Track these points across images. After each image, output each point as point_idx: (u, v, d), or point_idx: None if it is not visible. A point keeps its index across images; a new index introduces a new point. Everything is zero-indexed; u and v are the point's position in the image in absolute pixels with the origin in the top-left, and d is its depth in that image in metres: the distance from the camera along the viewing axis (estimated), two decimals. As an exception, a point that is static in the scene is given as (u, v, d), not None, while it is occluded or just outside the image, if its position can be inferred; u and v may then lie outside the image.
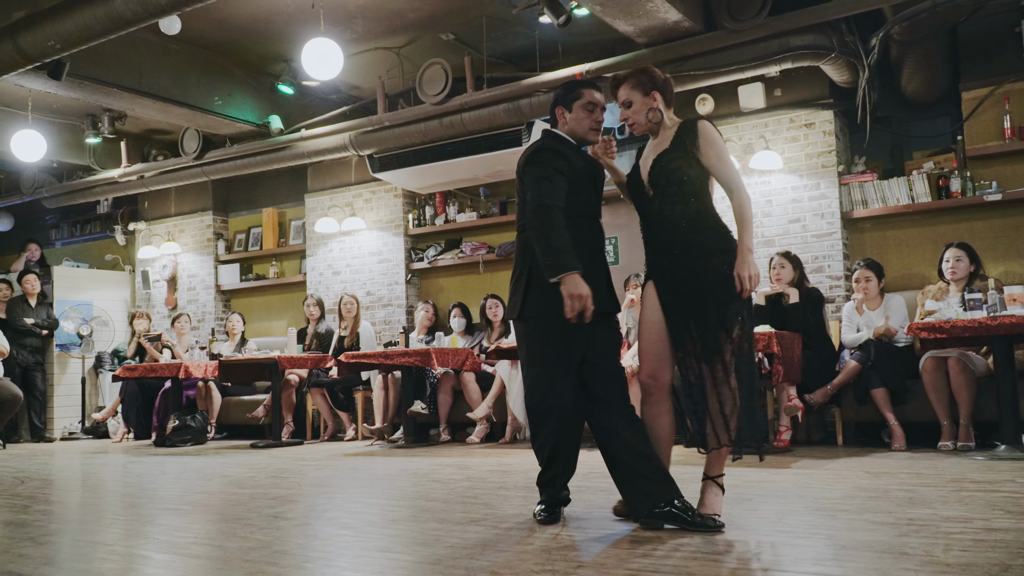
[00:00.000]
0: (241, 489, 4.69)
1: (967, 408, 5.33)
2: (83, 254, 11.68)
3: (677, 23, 6.26)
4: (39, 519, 3.86)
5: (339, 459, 6.26)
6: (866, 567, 2.41)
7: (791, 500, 3.66)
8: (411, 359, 6.90)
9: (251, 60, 8.16)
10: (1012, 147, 6.28)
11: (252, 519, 3.62)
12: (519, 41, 7.37)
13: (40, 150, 7.95)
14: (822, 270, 6.82)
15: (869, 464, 4.78)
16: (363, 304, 8.89)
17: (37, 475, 5.87)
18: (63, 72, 6.67)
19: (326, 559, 2.86)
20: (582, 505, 3.57)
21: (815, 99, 6.91)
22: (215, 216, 10.48)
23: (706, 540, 2.86)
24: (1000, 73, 6.36)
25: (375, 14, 6.98)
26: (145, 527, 3.70)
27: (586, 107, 3.44)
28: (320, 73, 6.21)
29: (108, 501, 4.73)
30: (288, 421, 8.28)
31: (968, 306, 5.07)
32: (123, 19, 5.59)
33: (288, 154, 8.66)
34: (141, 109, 8.02)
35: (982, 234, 6.36)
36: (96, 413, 9.83)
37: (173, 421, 8.13)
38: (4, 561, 2.93)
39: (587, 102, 3.46)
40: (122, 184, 9.93)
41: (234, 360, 8.09)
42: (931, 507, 3.31)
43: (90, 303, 10.23)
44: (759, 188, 7.08)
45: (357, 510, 3.92)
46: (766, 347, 5.37)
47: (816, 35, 6.19)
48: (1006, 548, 2.55)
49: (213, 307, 10.32)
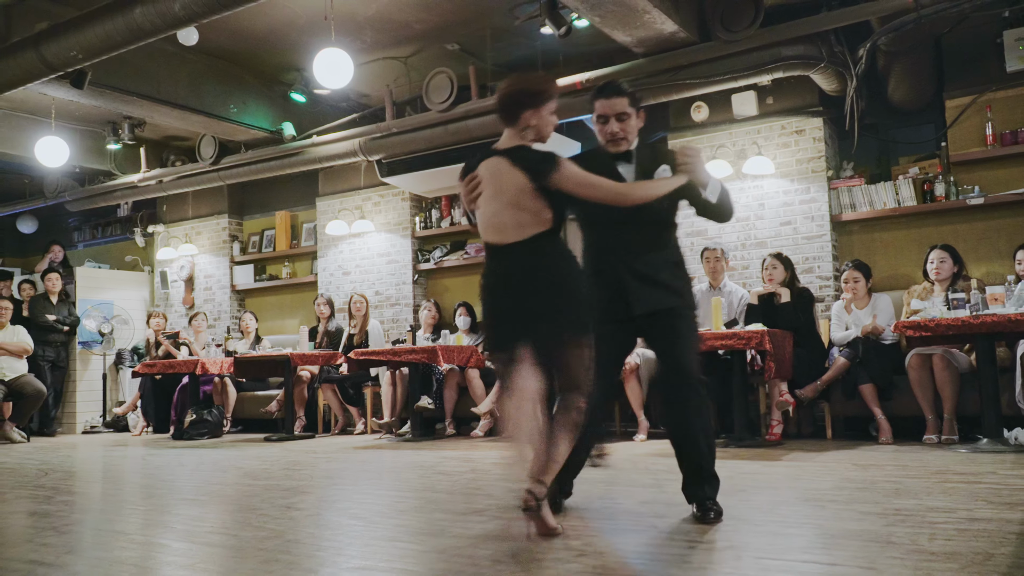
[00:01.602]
0: (255, 480, 4.69)
1: (951, 403, 5.33)
2: (104, 255, 11.68)
3: (673, 34, 6.25)
4: (62, 509, 3.87)
5: (349, 452, 6.27)
6: (854, 555, 2.41)
7: (782, 491, 3.66)
8: (418, 356, 6.90)
9: (265, 69, 8.17)
10: (994, 153, 6.28)
11: (266, 509, 3.62)
12: (521, 51, 7.37)
13: (63, 156, 7.95)
14: (812, 271, 6.81)
15: (857, 457, 4.77)
16: (372, 303, 8.89)
17: (60, 467, 5.88)
18: (85, 81, 6.67)
19: (336, 548, 2.86)
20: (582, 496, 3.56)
21: (805, 107, 6.90)
22: (230, 219, 10.49)
23: (704, 529, 2.86)
24: (982, 82, 6.35)
25: (384, 25, 6.98)
26: (163, 517, 3.70)
27: (598, 120, 3.28)
28: (331, 82, 6.21)
29: (128, 492, 4.74)
30: (300, 415, 8.28)
31: (952, 305, 5.07)
32: (142, 30, 5.59)
33: (300, 159, 8.66)
34: (160, 116, 8.03)
35: (965, 236, 6.35)
36: (117, 408, 9.85)
37: (190, 415, 8.15)
38: (28, 550, 2.93)
39: (598, 115, 3.27)
40: (141, 188, 9.93)
41: (249, 357, 8.10)
42: (916, 498, 3.30)
43: (111, 302, 10.23)
44: (752, 192, 7.07)
45: (366, 501, 3.92)
46: (759, 344, 5.37)
47: (806, 46, 6.18)
48: (988, 537, 2.55)
49: (229, 306, 10.33)
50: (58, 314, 9.54)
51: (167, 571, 2.65)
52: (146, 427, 9.09)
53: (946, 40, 6.40)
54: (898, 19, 5.68)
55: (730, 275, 6.72)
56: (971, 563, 2.25)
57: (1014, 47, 6.10)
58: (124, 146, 9.37)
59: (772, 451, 5.22)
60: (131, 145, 9.35)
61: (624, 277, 3.16)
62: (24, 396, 8.52)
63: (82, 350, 9.98)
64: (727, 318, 6.17)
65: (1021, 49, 6.08)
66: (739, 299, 6.40)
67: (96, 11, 5.74)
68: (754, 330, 5.46)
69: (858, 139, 6.52)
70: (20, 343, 8.66)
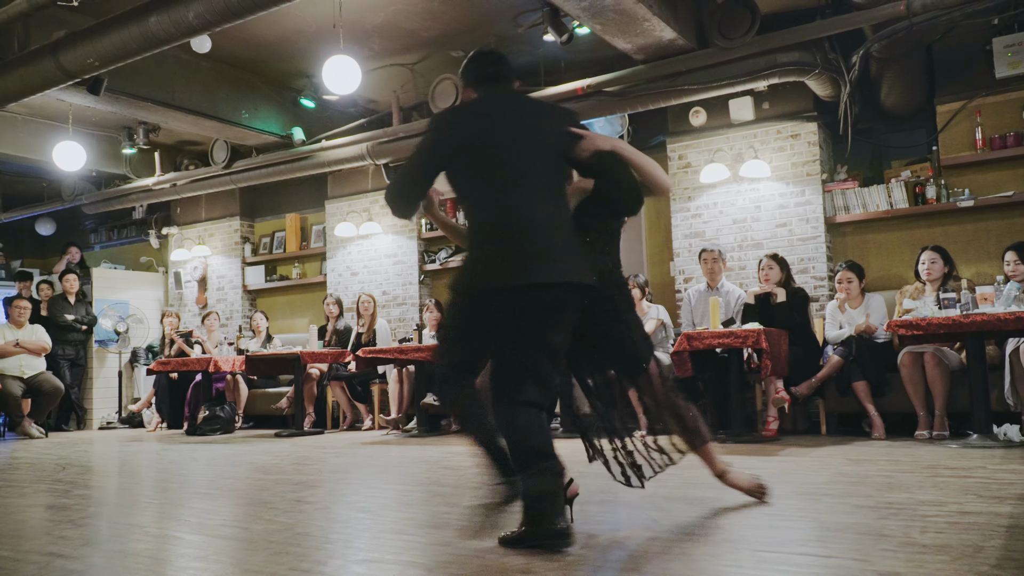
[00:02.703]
0: (266, 475, 4.69)
1: (942, 400, 5.33)
2: (120, 256, 11.70)
3: (672, 41, 6.25)
4: (79, 503, 3.87)
5: (357, 447, 6.27)
6: (848, 547, 2.40)
7: (778, 485, 3.65)
8: (424, 354, 6.90)
9: (276, 76, 8.17)
10: (983, 157, 6.27)
11: (276, 503, 3.62)
12: (524, 58, 7.37)
13: (80, 160, 7.97)
14: (807, 271, 6.80)
15: (850, 452, 4.77)
16: (379, 303, 8.89)
17: (77, 462, 5.88)
18: (101, 87, 6.69)
19: (345, 540, 2.86)
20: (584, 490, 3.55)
21: (800, 112, 6.90)
22: (242, 221, 10.50)
23: (702, 523, 2.85)
24: (972, 88, 6.34)
25: (391, 33, 6.98)
26: (177, 510, 3.70)
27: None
28: (339, 88, 6.21)
29: (143, 486, 4.74)
30: (310, 412, 8.29)
31: (943, 305, 5.06)
32: (157, 38, 5.60)
33: (310, 163, 8.66)
34: (174, 122, 8.04)
35: (956, 238, 6.34)
36: (132, 404, 9.86)
37: (203, 412, 8.16)
38: (46, 542, 2.93)
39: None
40: (156, 191, 9.95)
41: (260, 355, 8.11)
42: (908, 492, 3.30)
43: (126, 302, 10.25)
44: (748, 195, 7.07)
45: (374, 495, 3.92)
46: (755, 343, 5.37)
47: (801, 53, 6.18)
48: (978, 530, 2.54)
49: (240, 306, 10.34)
50: (76, 314, 9.56)
51: (181, 563, 2.65)
52: (160, 423, 9.11)
53: (937, 47, 6.39)
54: (890, 27, 5.67)
55: (727, 275, 6.71)
56: (961, 555, 2.24)
57: (1003, 54, 6.08)
58: (139, 151, 9.40)
59: (768, 446, 5.22)
60: (146, 150, 9.38)
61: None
62: (42, 393, 8.54)
63: (99, 348, 10.00)
64: (724, 317, 6.16)
65: (1010, 56, 6.07)
66: (736, 299, 6.39)
67: (112, 20, 5.75)
68: (751, 329, 5.46)
69: (852, 143, 6.51)
70: (39, 341, 8.68)
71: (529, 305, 2.59)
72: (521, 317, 2.61)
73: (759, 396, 6.13)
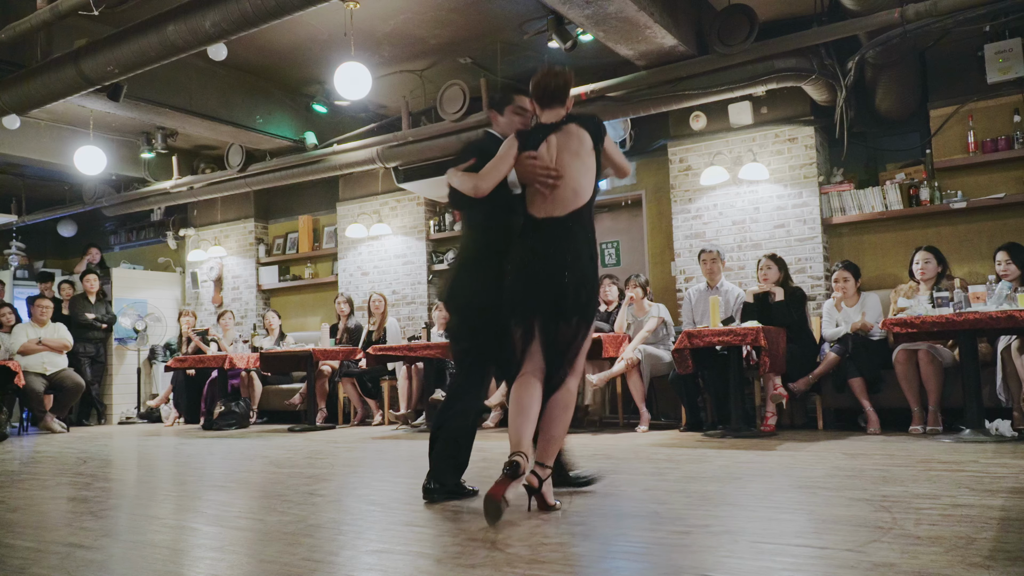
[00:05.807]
0: (280, 468, 4.70)
1: (935, 396, 5.31)
2: (138, 257, 11.74)
3: (673, 48, 6.24)
4: (99, 495, 3.89)
5: (368, 442, 6.27)
6: (844, 539, 2.40)
7: (776, 479, 3.65)
8: (432, 352, 6.90)
9: (289, 83, 8.19)
10: (975, 160, 6.26)
11: (290, 495, 3.63)
12: (530, 64, 7.35)
13: (100, 164, 7.99)
14: (804, 271, 6.79)
15: (847, 446, 4.76)
16: (389, 302, 8.90)
17: (98, 456, 5.90)
18: (121, 94, 6.71)
19: (356, 532, 2.86)
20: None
21: (798, 116, 6.88)
22: (256, 223, 10.52)
23: (702, 515, 2.85)
24: (964, 93, 6.32)
25: (400, 41, 6.99)
26: (194, 502, 3.71)
27: (516, 111, 3.41)
28: (351, 94, 6.22)
29: (161, 479, 4.75)
30: (322, 407, 8.30)
31: (936, 303, 5.05)
32: (175, 46, 5.62)
33: (322, 167, 8.68)
34: (191, 127, 8.06)
35: (949, 238, 6.33)
36: (150, 400, 9.89)
37: (219, 407, 8.17)
38: (67, 533, 2.95)
39: (517, 106, 3.42)
40: (173, 194, 9.97)
41: (274, 352, 8.12)
42: (903, 485, 3.29)
43: (145, 301, 10.28)
44: (747, 197, 7.06)
45: (384, 488, 3.92)
46: (754, 341, 5.36)
47: (798, 59, 6.17)
48: (971, 522, 2.54)
49: (255, 305, 10.36)
50: (96, 312, 9.58)
51: (198, 553, 2.66)
52: (178, 418, 9.13)
53: (930, 53, 6.38)
54: (885, 34, 5.66)
55: (727, 275, 6.70)
56: (954, 547, 2.24)
57: (994, 60, 6.07)
58: (157, 155, 9.43)
59: (766, 441, 5.21)
60: (164, 154, 9.42)
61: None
62: (64, 389, 8.57)
63: (118, 346, 10.03)
64: (724, 316, 6.15)
65: (1001, 62, 6.05)
66: (735, 298, 6.38)
67: (131, 28, 5.77)
68: (750, 327, 5.45)
69: (847, 146, 6.50)
70: (60, 339, 8.71)
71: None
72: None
73: (758, 392, 6.12)
